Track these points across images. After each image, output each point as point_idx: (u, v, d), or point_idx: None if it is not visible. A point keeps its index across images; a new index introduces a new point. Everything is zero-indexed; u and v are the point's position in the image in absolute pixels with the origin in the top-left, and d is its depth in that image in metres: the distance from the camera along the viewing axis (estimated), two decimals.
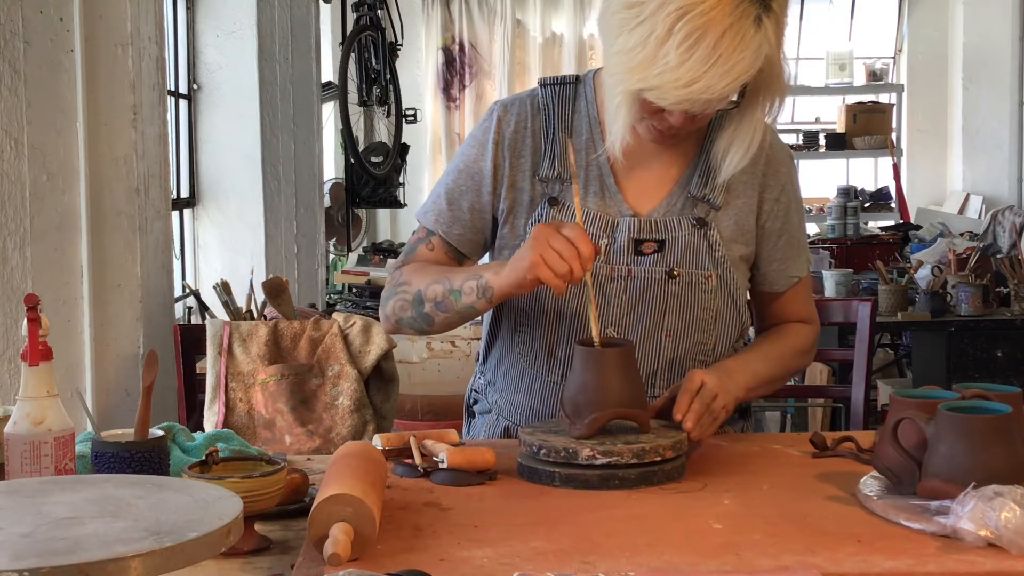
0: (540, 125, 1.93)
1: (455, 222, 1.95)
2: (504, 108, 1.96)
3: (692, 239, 1.89)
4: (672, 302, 1.88)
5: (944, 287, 4.88)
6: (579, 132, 1.93)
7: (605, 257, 1.88)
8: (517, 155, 1.93)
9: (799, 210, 2.03)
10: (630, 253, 1.88)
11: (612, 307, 1.88)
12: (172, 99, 4.16)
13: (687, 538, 1.38)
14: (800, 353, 2.02)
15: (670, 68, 1.64)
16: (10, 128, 2.45)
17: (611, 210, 1.90)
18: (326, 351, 2.21)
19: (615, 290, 1.88)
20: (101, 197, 2.91)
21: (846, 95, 8.44)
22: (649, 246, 1.88)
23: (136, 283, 3.07)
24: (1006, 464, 1.40)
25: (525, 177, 1.93)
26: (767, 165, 1.95)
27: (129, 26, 3.01)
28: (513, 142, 1.93)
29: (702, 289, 1.89)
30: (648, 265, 1.88)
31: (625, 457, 1.59)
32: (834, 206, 6.57)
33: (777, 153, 1.97)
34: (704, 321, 1.90)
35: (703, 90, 1.64)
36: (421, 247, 1.97)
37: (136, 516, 1.15)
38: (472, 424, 2.10)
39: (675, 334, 1.89)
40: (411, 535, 1.40)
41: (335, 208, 6.26)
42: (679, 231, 1.89)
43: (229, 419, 2.17)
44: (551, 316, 1.90)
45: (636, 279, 1.88)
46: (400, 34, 6.96)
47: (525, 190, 1.92)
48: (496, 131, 1.94)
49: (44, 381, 1.50)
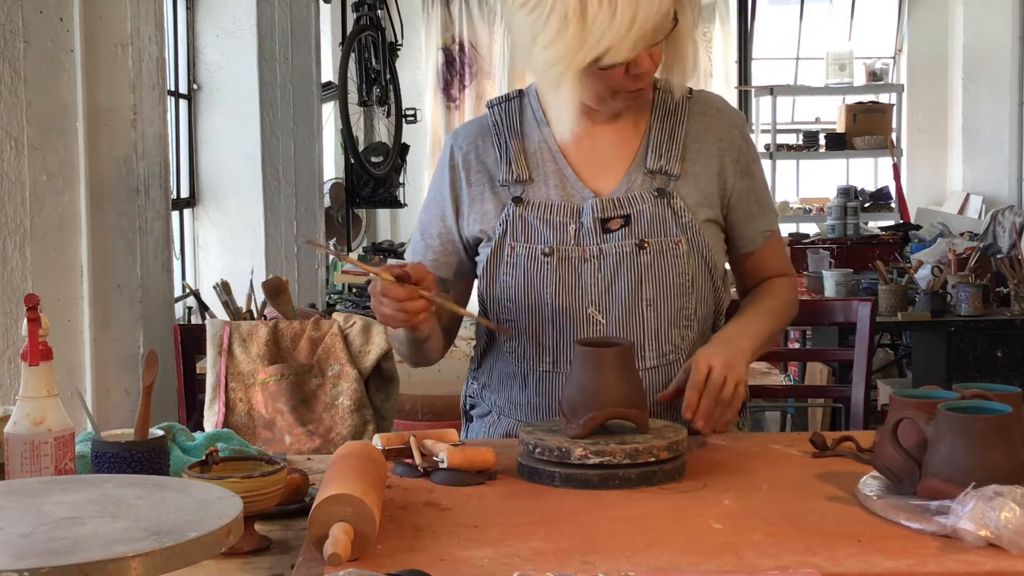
0: (491, 141, 2.00)
1: (427, 250, 2.04)
2: (455, 136, 2.05)
3: (656, 209, 1.93)
4: (646, 272, 1.91)
5: (944, 287, 4.88)
6: (529, 136, 1.99)
7: (575, 240, 1.92)
8: (474, 172, 1.99)
9: (759, 168, 2.07)
10: (598, 232, 1.92)
11: (589, 287, 1.91)
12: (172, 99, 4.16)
13: (687, 538, 1.38)
14: (790, 305, 2.07)
15: (606, 24, 1.71)
16: (10, 128, 2.45)
17: (574, 198, 1.94)
18: (326, 351, 2.21)
19: (589, 270, 1.91)
20: (101, 197, 2.90)
21: (846, 95, 8.45)
22: (615, 222, 1.92)
23: (136, 283, 3.07)
24: (1006, 464, 1.40)
25: (485, 190, 1.98)
26: (721, 129, 2.00)
27: (129, 26, 3.01)
28: (467, 164, 2.00)
29: (674, 255, 1.92)
30: (617, 240, 1.91)
31: (618, 457, 1.59)
32: (834, 206, 6.56)
33: (727, 118, 2.02)
34: (681, 286, 1.93)
35: (646, 20, 1.71)
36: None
37: (136, 516, 1.15)
38: (470, 428, 2.11)
39: (655, 304, 1.92)
40: (411, 535, 1.40)
41: (335, 208, 6.27)
42: (643, 204, 1.93)
43: (229, 419, 2.17)
44: (532, 308, 1.93)
45: (607, 256, 1.91)
46: (400, 34, 6.96)
47: (489, 200, 1.98)
48: (451, 157, 2.02)
49: (44, 381, 1.50)
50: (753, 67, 8.98)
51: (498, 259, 1.95)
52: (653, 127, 1.98)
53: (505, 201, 1.96)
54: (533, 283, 1.92)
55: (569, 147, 1.96)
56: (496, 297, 1.96)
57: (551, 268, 1.91)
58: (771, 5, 9.24)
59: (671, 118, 1.99)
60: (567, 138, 1.92)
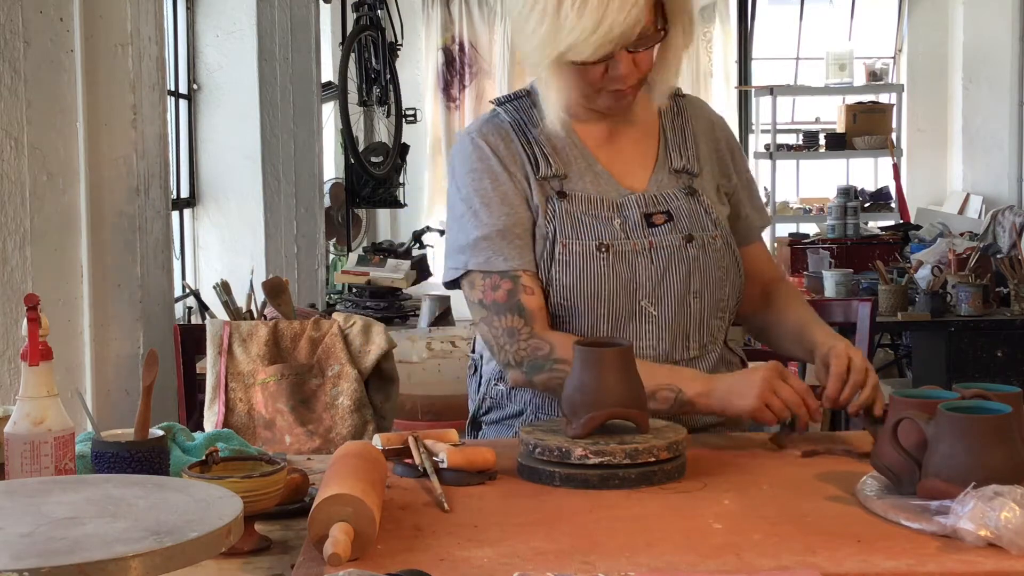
0: (515, 137, 2.00)
1: (524, 251, 1.95)
2: (480, 133, 2.01)
3: (691, 206, 2.00)
4: (694, 265, 1.97)
5: (944, 287, 4.88)
6: (555, 133, 1.98)
7: (624, 234, 1.95)
8: (515, 168, 1.98)
9: (747, 166, 2.20)
10: (644, 227, 1.96)
11: (643, 279, 1.94)
12: (172, 99, 4.16)
13: (687, 538, 1.38)
14: None
15: (573, 23, 1.77)
16: (10, 128, 2.45)
17: (611, 193, 1.98)
18: (326, 351, 2.21)
19: (642, 262, 1.95)
20: (101, 197, 2.90)
21: (846, 95, 8.44)
22: (659, 217, 1.97)
23: (136, 283, 3.06)
24: (1006, 464, 1.40)
25: (525, 186, 1.98)
26: (715, 130, 2.11)
27: (129, 26, 3.01)
28: (504, 158, 1.98)
29: (714, 248, 1.99)
30: (665, 234, 1.96)
31: (618, 457, 1.59)
32: (834, 206, 6.56)
33: (717, 120, 2.14)
34: (720, 279, 1.99)
35: (611, 27, 1.77)
36: (525, 299, 1.93)
37: (136, 516, 1.15)
38: (481, 436, 2.08)
39: (700, 295, 1.98)
40: (411, 535, 1.40)
41: (335, 208, 6.26)
42: (678, 201, 2.00)
43: (229, 419, 2.17)
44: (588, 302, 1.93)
45: (659, 249, 1.96)
46: (400, 34, 6.95)
47: (535, 193, 1.97)
48: (492, 153, 1.99)
49: (44, 381, 1.50)
50: (753, 67, 8.98)
51: (551, 257, 1.94)
52: (666, 128, 2.06)
53: (549, 195, 1.96)
54: (590, 278, 1.93)
55: (597, 146, 2.01)
56: (551, 293, 1.95)
57: (607, 263, 1.93)
58: (771, 5, 9.24)
59: (679, 119, 2.07)
60: (557, 130, 1.95)
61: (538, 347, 1.91)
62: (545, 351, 1.91)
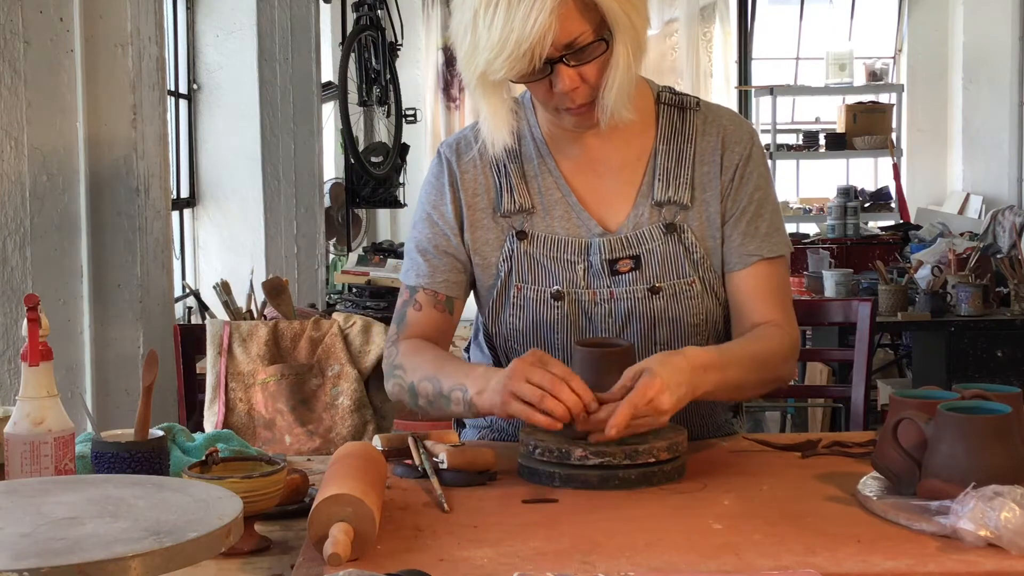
0: (489, 160, 1.90)
1: (435, 271, 1.90)
2: (450, 148, 1.93)
3: (667, 248, 1.84)
4: (659, 316, 1.84)
5: (944, 287, 4.88)
6: (528, 158, 1.89)
7: (584, 282, 1.84)
8: (473, 194, 1.90)
9: (763, 186, 1.90)
10: (607, 275, 1.84)
11: (600, 332, 1.84)
12: (172, 99, 4.16)
13: (687, 538, 1.38)
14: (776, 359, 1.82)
15: (484, 41, 1.69)
16: (10, 128, 2.45)
17: (580, 230, 1.85)
18: (326, 351, 2.21)
19: (600, 314, 1.84)
20: (101, 197, 2.91)
21: (846, 95, 8.45)
22: (625, 264, 1.84)
23: (136, 283, 3.07)
24: (1006, 464, 1.40)
25: (486, 215, 1.89)
26: (724, 147, 1.88)
27: (129, 26, 3.01)
28: (465, 182, 1.90)
29: (687, 297, 1.84)
30: (628, 284, 1.84)
31: (617, 458, 1.59)
32: (834, 206, 6.57)
33: (732, 134, 1.90)
34: (695, 327, 1.86)
35: (519, 41, 1.66)
36: (409, 311, 1.90)
37: (136, 516, 1.15)
38: (462, 433, 2.08)
39: (668, 346, 1.83)
40: (411, 535, 1.40)
41: (335, 208, 6.26)
42: (652, 243, 1.84)
43: (229, 419, 2.17)
44: (540, 348, 1.81)
45: (619, 300, 1.84)
46: (400, 34, 6.96)
47: (489, 228, 1.89)
48: (448, 173, 1.91)
49: (44, 381, 1.50)
50: (753, 67, 8.99)
51: (504, 299, 1.87)
52: (659, 150, 1.88)
53: (506, 232, 1.87)
54: (541, 325, 1.85)
55: (575, 173, 1.87)
56: (503, 334, 1.89)
57: (560, 311, 1.84)
58: (771, 5, 9.24)
59: (678, 138, 1.88)
60: (498, 145, 1.83)
61: (391, 354, 1.88)
62: (392, 358, 1.87)
